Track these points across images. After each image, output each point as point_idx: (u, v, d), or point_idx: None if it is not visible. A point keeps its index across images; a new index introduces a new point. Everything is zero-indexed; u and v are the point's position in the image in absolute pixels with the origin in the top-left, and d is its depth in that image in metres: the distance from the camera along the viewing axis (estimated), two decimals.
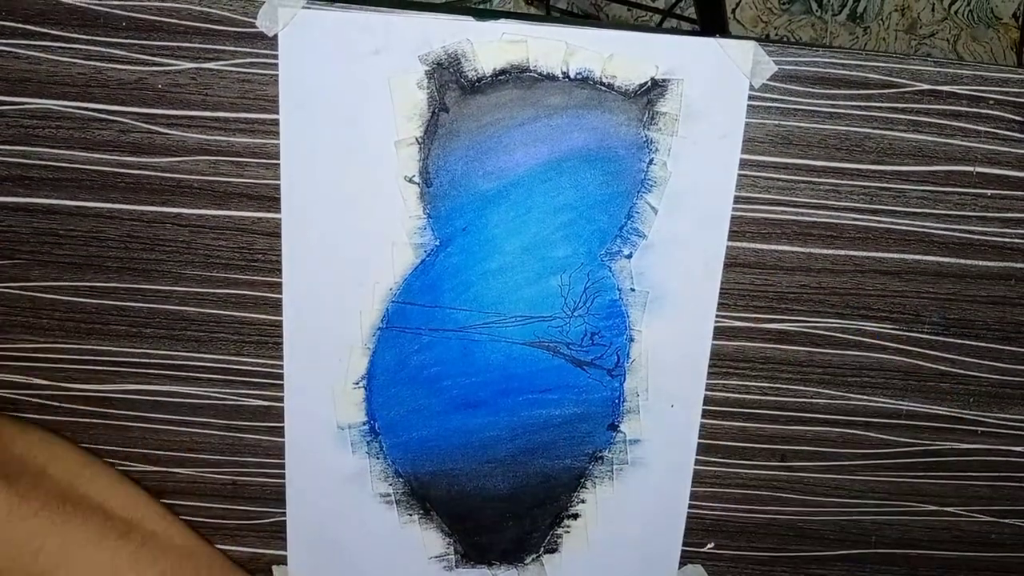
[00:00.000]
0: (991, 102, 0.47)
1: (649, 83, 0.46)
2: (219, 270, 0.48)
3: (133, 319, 0.49)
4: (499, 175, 0.47)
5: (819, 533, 0.54)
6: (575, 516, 0.53)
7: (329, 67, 0.45)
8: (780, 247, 0.49)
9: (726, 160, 0.47)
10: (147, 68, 0.45)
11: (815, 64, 0.46)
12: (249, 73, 0.45)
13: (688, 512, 0.53)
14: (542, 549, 0.53)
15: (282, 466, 0.51)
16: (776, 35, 1.30)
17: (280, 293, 0.48)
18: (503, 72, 0.45)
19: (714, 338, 0.50)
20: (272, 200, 0.47)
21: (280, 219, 0.47)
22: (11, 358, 0.49)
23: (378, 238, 0.47)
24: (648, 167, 0.47)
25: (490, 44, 0.45)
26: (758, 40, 0.46)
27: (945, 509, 0.54)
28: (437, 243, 0.48)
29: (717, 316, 0.49)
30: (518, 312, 0.49)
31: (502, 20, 0.45)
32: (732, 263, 0.49)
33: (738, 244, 0.48)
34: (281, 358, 0.49)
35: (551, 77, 0.46)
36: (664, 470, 0.52)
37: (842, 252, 0.49)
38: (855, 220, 0.48)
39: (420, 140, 0.46)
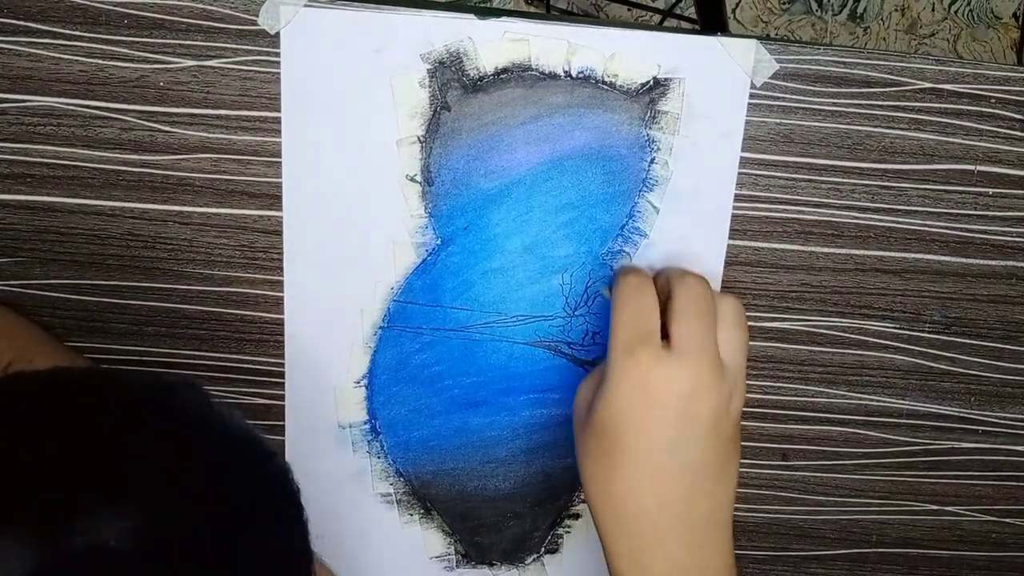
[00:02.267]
0: (992, 101, 0.47)
1: (651, 82, 0.46)
2: (220, 268, 0.48)
3: (134, 317, 0.49)
4: (501, 174, 0.47)
5: (820, 532, 0.54)
6: (576, 516, 0.53)
7: (331, 65, 0.45)
8: (781, 246, 0.49)
9: (727, 159, 0.47)
10: (149, 66, 0.45)
11: (817, 63, 0.46)
12: (251, 71, 0.45)
13: None
14: (543, 549, 0.53)
15: None
16: (776, 35, 1.30)
17: (281, 291, 0.48)
18: (505, 71, 0.45)
19: None
20: (274, 198, 0.47)
21: (282, 217, 0.47)
22: None
23: (379, 237, 0.47)
24: (650, 166, 0.47)
25: (492, 43, 0.45)
26: (759, 39, 0.46)
27: (946, 508, 0.54)
28: (438, 242, 0.48)
29: None
30: (519, 311, 0.49)
31: (504, 19, 0.45)
32: (733, 262, 0.49)
33: (739, 243, 0.48)
34: (282, 356, 0.49)
35: (553, 76, 0.45)
36: None
37: (843, 251, 0.49)
38: (856, 219, 0.48)
39: (422, 139, 0.46)
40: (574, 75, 0.46)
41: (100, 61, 0.45)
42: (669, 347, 0.41)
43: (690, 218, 0.48)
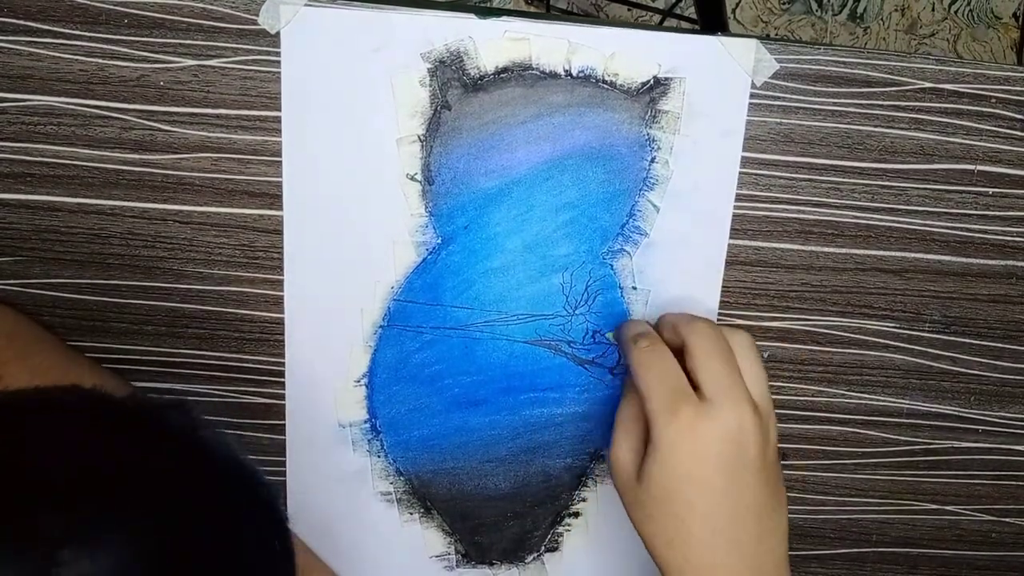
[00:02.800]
0: (993, 101, 0.47)
1: (651, 81, 0.46)
2: (220, 267, 0.48)
3: (134, 317, 0.48)
4: (501, 173, 0.47)
5: (820, 531, 0.54)
6: (576, 515, 0.53)
7: (331, 65, 0.45)
8: (781, 245, 0.49)
9: (728, 158, 0.47)
10: (149, 65, 0.45)
11: (817, 62, 0.46)
12: (251, 70, 0.45)
13: None
14: (543, 548, 0.53)
15: (283, 464, 0.51)
16: (776, 35, 1.30)
17: (281, 291, 0.48)
18: (505, 70, 0.45)
19: None
20: (274, 197, 0.47)
21: (282, 216, 0.47)
22: None
23: (380, 236, 0.47)
24: (650, 165, 0.47)
25: (492, 42, 0.45)
26: (760, 39, 0.46)
27: (946, 508, 0.54)
28: (439, 241, 0.48)
29: (719, 314, 0.49)
30: (519, 310, 0.49)
31: (504, 18, 0.45)
32: (733, 261, 0.49)
33: (739, 242, 0.48)
34: (282, 356, 0.49)
35: (553, 75, 0.45)
36: None
37: (843, 250, 0.49)
38: (856, 218, 0.48)
39: (422, 138, 0.46)
40: (574, 74, 0.46)
41: (100, 60, 0.44)
42: (702, 397, 0.41)
43: (690, 217, 0.48)
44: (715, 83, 0.46)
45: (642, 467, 0.42)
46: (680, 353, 0.43)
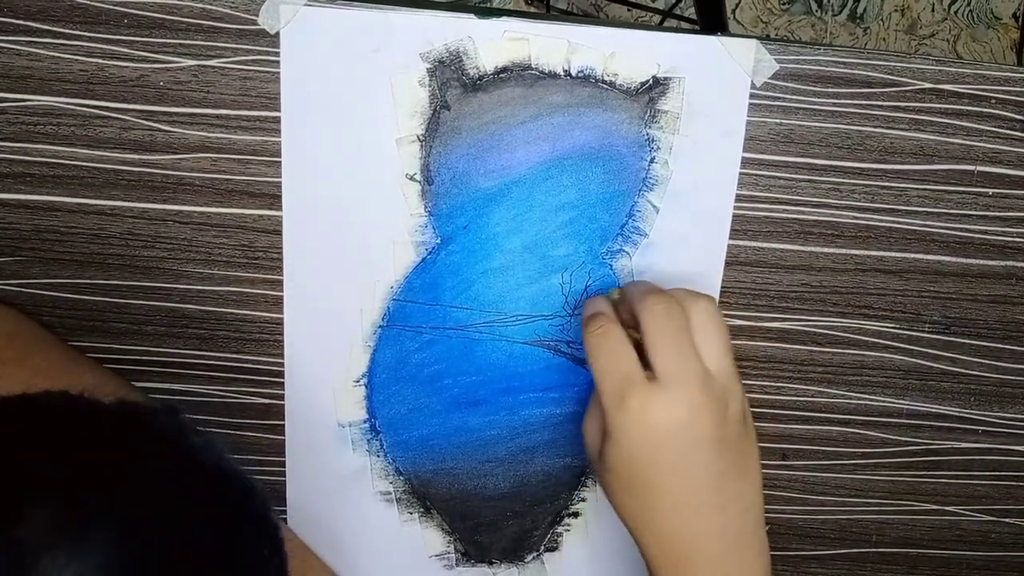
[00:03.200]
0: (993, 101, 0.47)
1: (651, 81, 0.46)
2: (220, 268, 0.48)
3: (134, 317, 0.49)
4: (500, 173, 0.47)
5: (820, 532, 0.54)
6: (576, 514, 0.53)
7: (331, 65, 0.45)
8: (781, 246, 0.49)
9: (727, 158, 0.47)
10: (149, 65, 0.45)
11: (817, 63, 0.46)
12: (251, 71, 0.45)
13: None
14: (543, 548, 0.53)
15: (282, 464, 0.51)
16: (776, 35, 1.30)
17: (281, 291, 0.48)
18: (505, 70, 0.45)
19: None
20: (273, 198, 0.47)
21: (281, 217, 0.47)
22: None
23: (379, 236, 0.47)
24: (649, 165, 0.47)
25: (492, 42, 0.45)
26: (760, 39, 0.46)
27: (945, 508, 0.54)
28: (438, 241, 0.48)
29: None
30: (519, 310, 0.49)
31: (504, 18, 0.45)
32: (733, 261, 0.49)
33: (739, 243, 0.48)
34: (282, 356, 0.49)
35: (553, 75, 0.45)
36: None
37: (843, 251, 0.49)
38: (856, 219, 0.48)
39: (421, 138, 0.46)
40: (574, 74, 0.46)
41: (100, 60, 0.45)
42: (654, 376, 0.41)
43: (690, 217, 0.48)
44: (715, 83, 0.46)
45: (602, 449, 0.43)
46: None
